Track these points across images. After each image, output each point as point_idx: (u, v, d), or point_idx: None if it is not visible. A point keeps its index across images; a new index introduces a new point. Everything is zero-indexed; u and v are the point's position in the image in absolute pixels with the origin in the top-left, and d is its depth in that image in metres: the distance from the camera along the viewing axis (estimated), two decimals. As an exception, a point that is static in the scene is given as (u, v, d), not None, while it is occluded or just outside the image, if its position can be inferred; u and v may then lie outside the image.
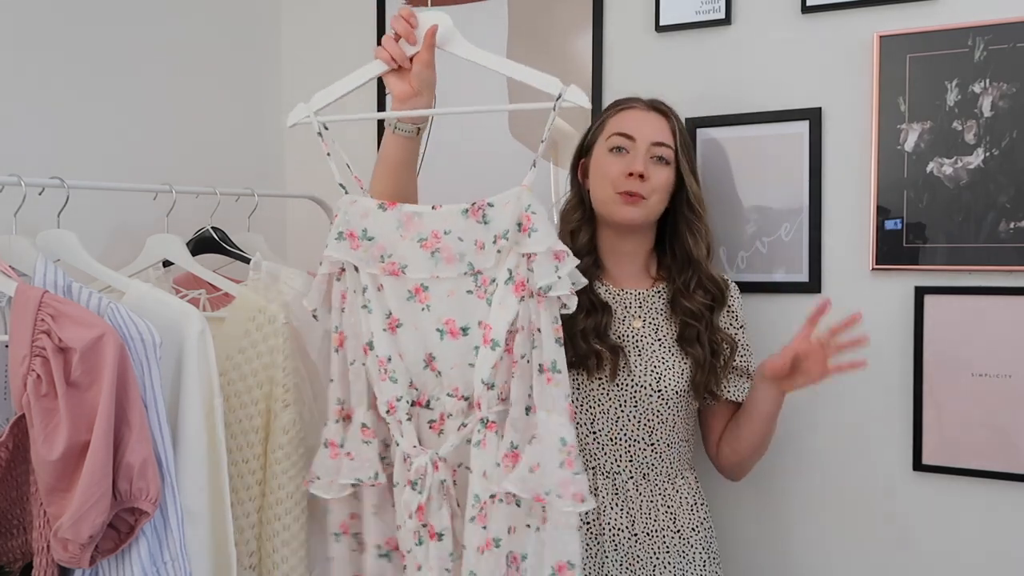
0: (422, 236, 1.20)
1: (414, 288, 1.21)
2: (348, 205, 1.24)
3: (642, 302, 1.50)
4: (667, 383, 1.44)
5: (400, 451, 1.22)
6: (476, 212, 1.18)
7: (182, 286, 1.63)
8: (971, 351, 1.51)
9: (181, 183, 1.54)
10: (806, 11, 1.62)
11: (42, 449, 1.12)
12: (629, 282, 1.52)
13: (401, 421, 1.22)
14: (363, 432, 1.25)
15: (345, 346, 1.25)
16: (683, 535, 1.45)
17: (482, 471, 1.17)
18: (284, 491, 1.41)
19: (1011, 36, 1.47)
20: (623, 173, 1.44)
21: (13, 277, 1.20)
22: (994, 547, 1.53)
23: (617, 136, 1.46)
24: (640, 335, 1.47)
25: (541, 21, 1.86)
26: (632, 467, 1.45)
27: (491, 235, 1.18)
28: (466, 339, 1.20)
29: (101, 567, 1.19)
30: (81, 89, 1.66)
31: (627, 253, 1.52)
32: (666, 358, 1.45)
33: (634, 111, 1.49)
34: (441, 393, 1.23)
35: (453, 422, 1.22)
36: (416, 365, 1.23)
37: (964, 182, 1.51)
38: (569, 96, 1.17)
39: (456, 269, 1.19)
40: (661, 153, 1.46)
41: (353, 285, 1.24)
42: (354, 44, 2.07)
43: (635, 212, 1.45)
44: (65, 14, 1.63)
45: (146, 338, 1.19)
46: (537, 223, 1.15)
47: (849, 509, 1.64)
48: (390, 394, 1.22)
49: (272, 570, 1.42)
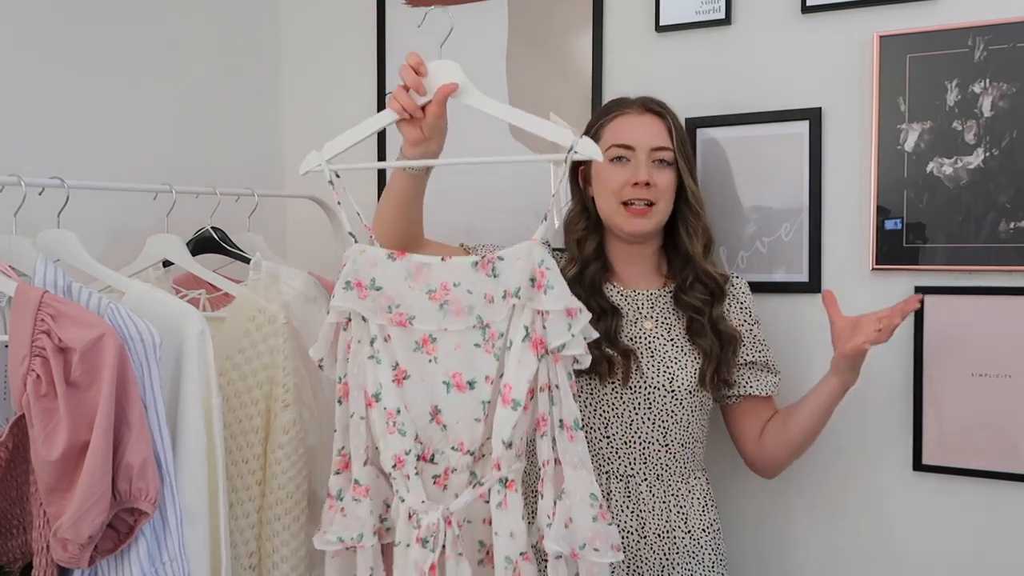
0: (431, 287, 1.19)
1: (421, 340, 1.19)
2: (357, 254, 1.22)
3: (653, 302, 1.50)
4: (680, 382, 1.43)
5: (405, 507, 1.18)
6: (486, 266, 1.18)
7: (182, 286, 1.63)
8: (971, 351, 1.51)
9: (181, 183, 1.54)
10: (806, 11, 1.62)
11: (42, 449, 1.12)
12: (640, 283, 1.52)
13: (408, 476, 1.18)
14: (355, 489, 1.21)
15: (349, 398, 1.22)
16: (694, 535, 1.45)
17: (508, 532, 1.15)
18: (284, 491, 1.41)
19: (1011, 36, 1.47)
20: (627, 183, 1.44)
21: (13, 277, 1.20)
22: (994, 547, 1.53)
23: (616, 147, 1.46)
24: (652, 336, 1.47)
25: (541, 21, 1.86)
26: (646, 469, 1.44)
27: (500, 289, 1.17)
28: (472, 393, 1.19)
29: (100, 567, 1.19)
30: (81, 89, 1.66)
31: (636, 255, 1.52)
32: (678, 357, 1.45)
33: (628, 116, 1.48)
34: (446, 447, 1.20)
35: (458, 476, 1.20)
36: (422, 418, 1.20)
37: (964, 182, 1.51)
38: (581, 149, 1.17)
39: (464, 322, 1.18)
40: (662, 156, 1.46)
41: (359, 335, 1.21)
42: (354, 44, 2.07)
43: (645, 223, 1.46)
44: (65, 14, 1.63)
45: (146, 338, 1.19)
46: (552, 279, 1.14)
47: (849, 509, 1.64)
48: (398, 448, 1.18)
49: (272, 570, 1.42)
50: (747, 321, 1.52)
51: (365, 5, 2.04)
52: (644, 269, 1.53)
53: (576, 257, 1.51)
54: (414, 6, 1.99)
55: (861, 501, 1.62)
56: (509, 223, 1.90)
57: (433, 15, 1.96)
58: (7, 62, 1.54)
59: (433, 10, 1.97)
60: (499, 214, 1.91)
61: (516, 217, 1.89)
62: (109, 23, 1.72)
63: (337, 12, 2.09)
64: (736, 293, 1.53)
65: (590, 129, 1.51)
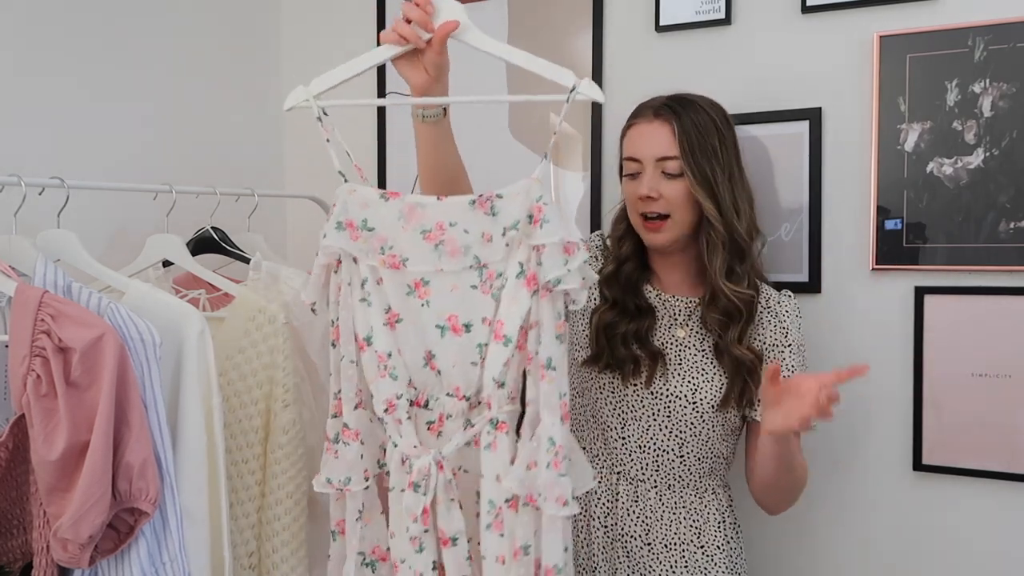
0: (425, 227, 1.15)
1: (414, 283, 1.15)
2: (347, 194, 1.17)
3: (690, 311, 1.45)
4: (703, 395, 1.40)
5: (398, 452, 1.16)
6: (484, 203, 1.13)
7: (182, 286, 1.63)
8: (971, 351, 1.51)
9: (181, 183, 1.54)
10: (806, 11, 1.62)
11: (42, 449, 1.12)
12: (679, 289, 1.48)
13: (400, 420, 1.16)
14: (344, 432, 1.19)
15: (340, 341, 1.18)
16: (707, 551, 1.42)
17: (495, 474, 1.11)
18: (284, 491, 1.41)
19: (1011, 36, 1.47)
20: (638, 197, 1.40)
21: (13, 277, 1.20)
22: (994, 547, 1.53)
23: (627, 162, 1.43)
24: (682, 344, 1.44)
25: (541, 21, 1.86)
26: (657, 476, 1.42)
27: (500, 227, 1.13)
28: (468, 336, 1.14)
29: (100, 567, 1.19)
30: (81, 89, 1.66)
31: (672, 263, 1.48)
32: (705, 369, 1.41)
33: (639, 126, 1.42)
34: (440, 393, 1.17)
35: (453, 423, 1.17)
36: (415, 363, 1.17)
37: (964, 182, 1.51)
38: (583, 89, 1.12)
39: (460, 262, 1.14)
40: (666, 168, 1.38)
41: (349, 278, 1.17)
42: (354, 44, 2.06)
43: (660, 237, 1.41)
44: (65, 15, 1.63)
45: (146, 338, 1.19)
46: (549, 214, 1.09)
47: (849, 509, 1.64)
48: (389, 392, 1.15)
49: (272, 570, 1.42)
50: (779, 343, 1.43)
51: (365, 5, 2.04)
52: (684, 276, 1.48)
53: (615, 255, 1.49)
54: (414, 6, 1.98)
55: (861, 501, 1.62)
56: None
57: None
58: (7, 62, 1.54)
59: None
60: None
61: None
62: (109, 23, 1.72)
63: (337, 11, 2.09)
64: (778, 310, 1.44)
65: (620, 138, 1.48)
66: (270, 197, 1.87)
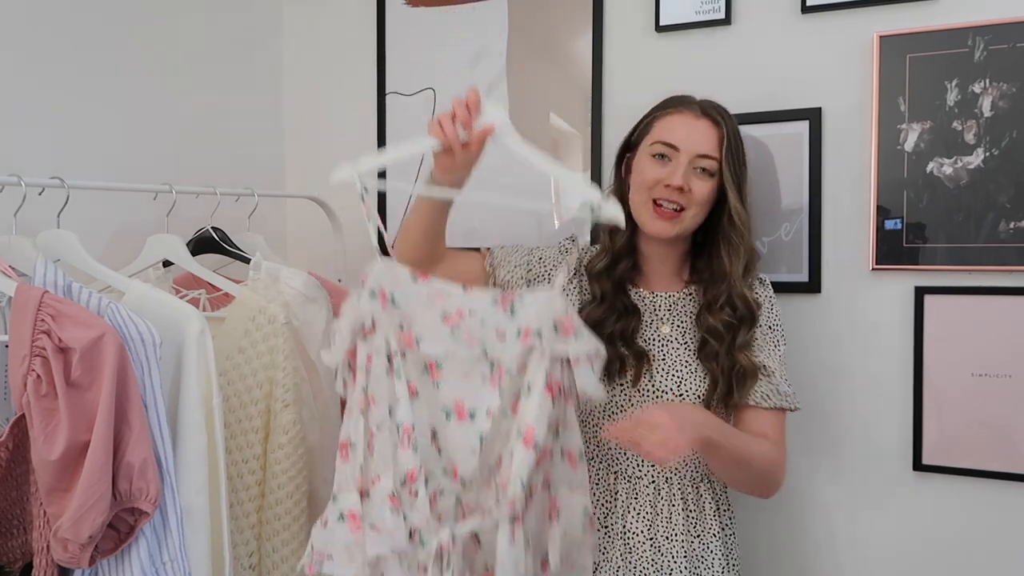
0: (446, 311, 1.21)
1: (428, 363, 1.21)
2: (383, 269, 1.23)
3: (672, 306, 1.46)
4: (688, 388, 1.40)
5: (406, 526, 1.19)
6: (504, 302, 1.19)
7: (182, 286, 1.63)
8: (971, 351, 1.51)
9: (181, 183, 1.55)
10: (806, 11, 1.62)
11: (42, 449, 1.12)
12: (660, 285, 1.48)
13: (416, 493, 1.19)
14: (391, 500, 1.19)
15: (372, 410, 1.20)
16: (703, 540, 1.42)
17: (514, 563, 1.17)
18: (284, 491, 1.41)
19: (1011, 36, 1.47)
20: (661, 182, 1.39)
21: (13, 277, 1.20)
22: (994, 547, 1.53)
23: (660, 144, 1.41)
24: (667, 340, 1.44)
25: (541, 21, 1.86)
26: (654, 471, 1.42)
27: (515, 327, 1.18)
28: (472, 424, 1.19)
29: (101, 567, 1.19)
30: (81, 89, 1.66)
31: (661, 256, 1.48)
32: (689, 362, 1.42)
33: (683, 116, 1.42)
34: (438, 469, 1.21)
35: (445, 500, 1.22)
36: (423, 438, 1.21)
37: (964, 182, 1.51)
38: (606, 211, 1.17)
39: (473, 351, 1.20)
40: (705, 165, 1.38)
41: (380, 346, 1.20)
42: (354, 44, 2.07)
43: (669, 228, 1.40)
44: (65, 15, 1.63)
45: (146, 338, 1.19)
46: (579, 325, 1.16)
47: (849, 509, 1.64)
48: (411, 463, 1.19)
49: (272, 570, 1.42)
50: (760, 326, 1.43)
51: (365, 5, 2.04)
52: (666, 271, 1.49)
53: (608, 248, 1.47)
54: (414, 6, 1.99)
55: (861, 501, 1.62)
56: (508, 225, 1.90)
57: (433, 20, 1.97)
58: (7, 62, 1.54)
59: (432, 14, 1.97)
60: (498, 216, 1.91)
61: (515, 219, 1.89)
62: (109, 24, 1.72)
63: (337, 12, 2.09)
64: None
65: (644, 119, 1.47)
66: (270, 197, 1.87)
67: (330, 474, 1.52)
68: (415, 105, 2.00)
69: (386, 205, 2.04)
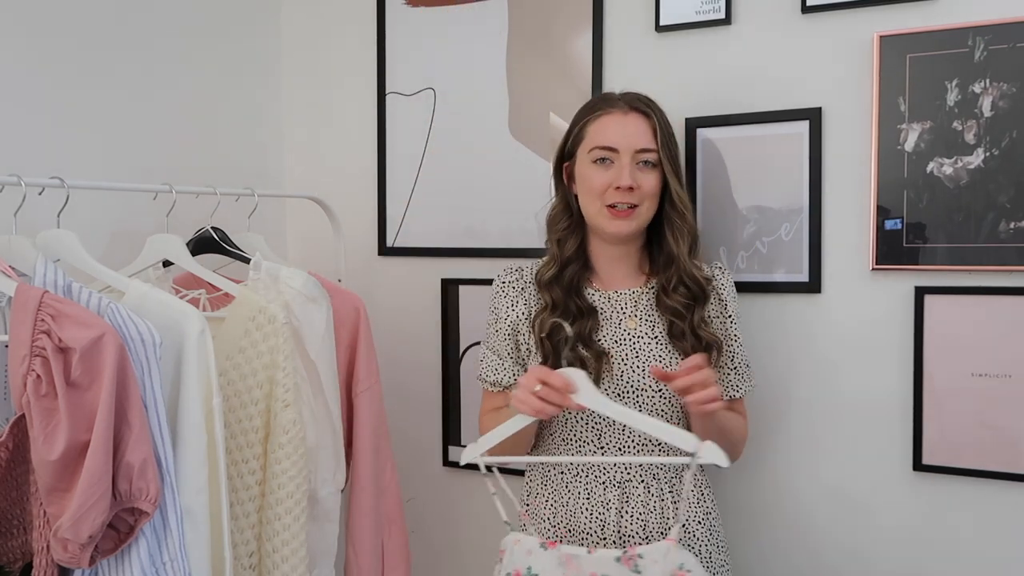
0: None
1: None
2: (513, 544, 1.30)
3: (636, 301, 1.49)
4: None
5: None
6: (628, 561, 1.23)
7: (182, 286, 1.63)
8: (971, 351, 1.51)
9: (181, 183, 1.55)
10: (806, 11, 1.62)
11: (42, 449, 1.12)
12: (622, 283, 1.51)
13: None
14: None
15: None
16: (688, 528, 1.45)
17: None
18: (284, 491, 1.41)
19: (1011, 36, 1.47)
20: (610, 186, 1.42)
21: (13, 277, 1.20)
22: (994, 547, 1.53)
23: (599, 149, 1.44)
24: (635, 335, 1.46)
25: (541, 21, 1.86)
26: (642, 471, 1.43)
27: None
28: None
29: (101, 567, 1.19)
30: (81, 89, 1.66)
31: (619, 256, 1.51)
32: (663, 355, 1.44)
33: (612, 116, 1.45)
34: None
35: None
36: None
37: (964, 182, 1.51)
38: (706, 455, 1.21)
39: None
40: (646, 158, 1.43)
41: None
42: (354, 44, 2.07)
43: (627, 225, 1.44)
44: (65, 16, 1.63)
45: (146, 338, 1.19)
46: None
47: (849, 509, 1.64)
48: None
49: (272, 570, 1.42)
50: (721, 315, 1.49)
51: (365, 5, 2.04)
52: (627, 269, 1.52)
53: (556, 256, 1.50)
54: (414, 6, 1.99)
55: (861, 501, 1.62)
56: (508, 225, 1.90)
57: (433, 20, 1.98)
58: (7, 62, 1.54)
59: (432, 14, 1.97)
60: (498, 216, 1.91)
61: (514, 219, 1.89)
62: (109, 24, 1.72)
63: (337, 12, 2.09)
64: (716, 286, 1.50)
65: (575, 126, 1.50)
66: (270, 197, 1.87)
67: (330, 474, 1.53)
68: (415, 105, 2.00)
69: (386, 201, 2.05)
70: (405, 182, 2.02)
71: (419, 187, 2.00)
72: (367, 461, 1.58)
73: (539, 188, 1.86)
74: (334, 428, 1.52)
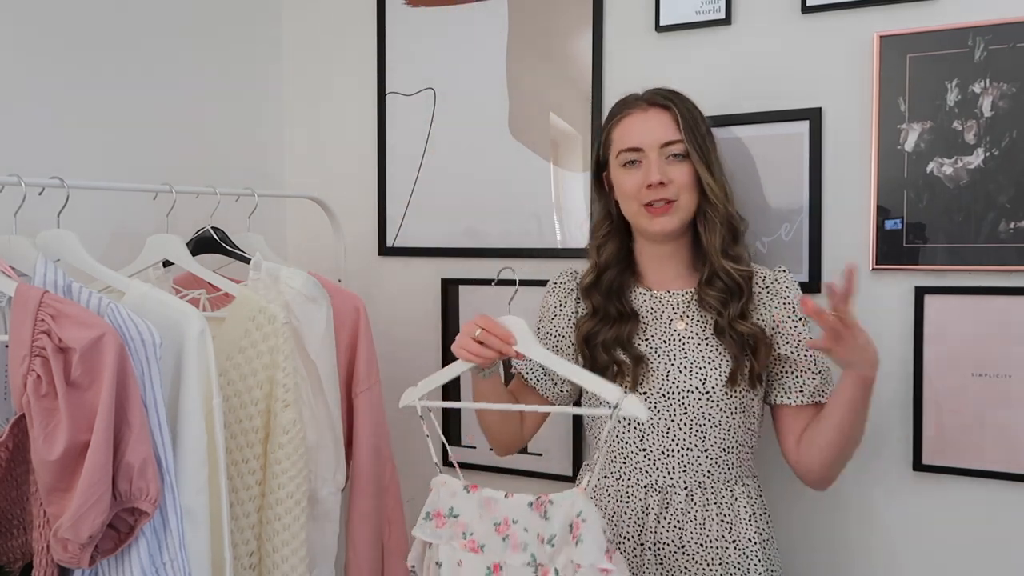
0: (496, 520, 1.28)
1: (493, 566, 1.27)
2: (440, 485, 1.32)
3: (688, 302, 1.45)
4: (713, 383, 1.39)
5: None
6: (539, 506, 1.24)
7: (182, 286, 1.63)
8: (971, 351, 1.51)
9: (181, 183, 1.55)
10: (806, 11, 1.62)
11: (42, 449, 1.12)
12: (673, 283, 1.48)
13: None
14: None
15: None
16: (739, 546, 1.39)
17: None
18: (284, 491, 1.41)
19: (1011, 36, 1.47)
20: (642, 186, 1.40)
21: (13, 277, 1.20)
22: (994, 547, 1.53)
23: (624, 152, 1.43)
24: (684, 335, 1.43)
25: (541, 21, 1.86)
26: (686, 477, 1.40)
27: (549, 532, 1.22)
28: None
29: (101, 567, 1.19)
30: (81, 89, 1.66)
31: (666, 256, 1.48)
32: (711, 357, 1.41)
33: (633, 116, 1.44)
34: None
35: None
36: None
37: (964, 182, 1.51)
38: (626, 407, 1.21)
39: (520, 558, 1.25)
40: (673, 151, 1.41)
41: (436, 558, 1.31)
42: (354, 44, 2.07)
43: (669, 222, 1.41)
44: (65, 16, 1.63)
45: (146, 338, 1.19)
46: (584, 533, 1.18)
47: (849, 509, 1.64)
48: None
49: (272, 570, 1.42)
50: (790, 318, 1.43)
51: (365, 5, 2.04)
52: (677, 269, 1.48)
53: (595, 263, 1.49)
54: (414, 6, 1.99)
55: (861, 501, 1.62)
56: (508, 225, 1.90)
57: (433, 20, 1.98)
58: (7, 62, 1.54)
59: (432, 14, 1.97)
60: (498, 216, 1.91)
61: (514, 219, 1.89)
62: (109, 24, 1.72)
63: (337, 12, 2.09)
64: (778, 288, 1.45)
65: (602, 134, 1.49)
66: (270, 197, 1.87)
67: (330, 474, 1.53)
68: (415, 105, 2.00)
69: (386, 201, 2.04)
70: (405, 182, 2.02)
71: (419, 187, 2.00)
72: (367, 461, 1.58)
73: (539, 188, 1.86)
74: (334, 428, 1.52)
